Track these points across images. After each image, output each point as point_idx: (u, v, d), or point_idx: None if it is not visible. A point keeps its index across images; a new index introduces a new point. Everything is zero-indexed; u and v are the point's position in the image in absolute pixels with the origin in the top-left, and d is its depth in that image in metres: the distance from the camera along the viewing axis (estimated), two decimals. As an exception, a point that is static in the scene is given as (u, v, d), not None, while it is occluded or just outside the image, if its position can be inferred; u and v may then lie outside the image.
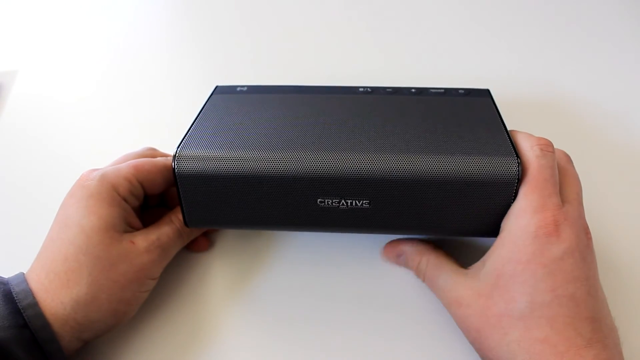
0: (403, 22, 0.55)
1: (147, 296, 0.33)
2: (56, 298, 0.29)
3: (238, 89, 0.39)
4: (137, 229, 0.33)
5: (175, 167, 0.30)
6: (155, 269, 0.33)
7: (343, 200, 0.30)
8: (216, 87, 0.39)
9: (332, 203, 0.30)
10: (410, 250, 0.34)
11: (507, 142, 0.30)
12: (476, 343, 0.29)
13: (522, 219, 0.28)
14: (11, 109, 0.50)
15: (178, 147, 0.31)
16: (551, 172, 0.29)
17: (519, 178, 0.29)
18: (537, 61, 0.50)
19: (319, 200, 0.30)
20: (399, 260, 0.35)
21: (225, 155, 0.30)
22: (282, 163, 0.30)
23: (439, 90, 0.38)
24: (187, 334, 0.34)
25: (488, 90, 0.38)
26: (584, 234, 0.28)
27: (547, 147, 0.30)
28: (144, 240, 0.32)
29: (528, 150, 0.29)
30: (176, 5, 0.61)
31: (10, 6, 0.62)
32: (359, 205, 0.30)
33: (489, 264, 0.29)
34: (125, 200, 0.32)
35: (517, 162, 0.29)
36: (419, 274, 0.34)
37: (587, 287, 0.26)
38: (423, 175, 0.29)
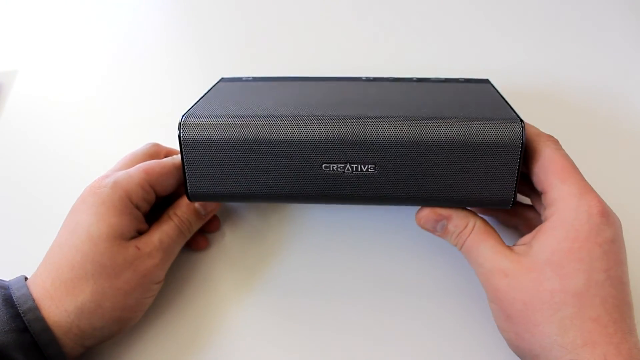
0: (404, 16, 0.55)
1: (152, 302, 0.33)
2: (60, 306, 0.29)
3: (244, 79, 0.39)
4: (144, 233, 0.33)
5: (181, 134, 0.30)
6: (159, 272, 0.32)
7: (348, 165, 0.30)
8: (221, 78, 0.39)
9: (337, 168, 0.30)
10: (456, 214, 0.32)
11: (510, 111, 0.30)
12: (520, 316, 0.28)
13: (570, 202, 0.28)
14: (11, 109, 0.50)
15: (183, 116, 0.31)
16: (572, 162, 0.29)
17: (523, 142, 0.29)
18: (537, 52, 0.50)
19: (324, 165, 0.30)
20: (437, 225, 0.33)
21: (229, 122, 0.30)
22: (286, 126, 0.30)
23: (439, 79, 0.38)
24: (190, 335, 0.34)
25: (488, 80, 0.38)
26: (619, 222, 0.28)
27: (557, 143, 0.30)
28: (147, 245, 0.32)
29: (542, 143, 0.30)
30: (176, 4, 0.61)
31: (10, 6, 0.62)
32: (364, 170, 0.30)
33: (538, 244, 0.28)
34: (137, 207, 0.32)
35: (521, 126, 0.29)
36: (459, 239, 0.32)
37: (626, 273, 0.27)
38: (428, 137, 0.29)
